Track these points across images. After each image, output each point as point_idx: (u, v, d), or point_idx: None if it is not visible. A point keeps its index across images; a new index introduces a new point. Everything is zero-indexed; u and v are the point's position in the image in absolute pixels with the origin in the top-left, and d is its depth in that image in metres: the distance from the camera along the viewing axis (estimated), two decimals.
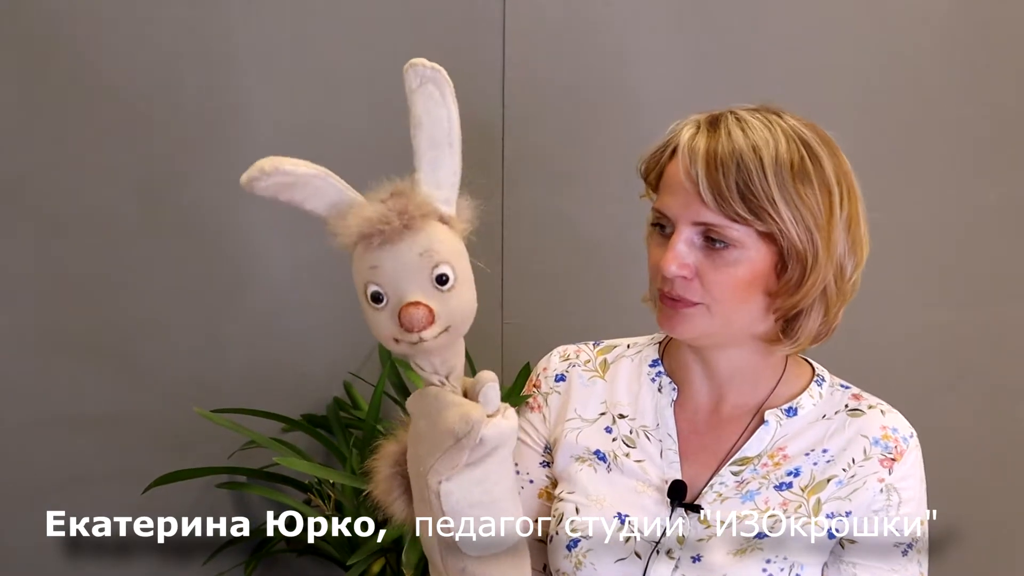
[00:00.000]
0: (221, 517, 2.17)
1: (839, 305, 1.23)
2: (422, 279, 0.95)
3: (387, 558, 1.96)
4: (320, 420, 2.21)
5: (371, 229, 0.94)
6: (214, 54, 2.10)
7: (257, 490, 2.13)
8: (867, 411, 1.28)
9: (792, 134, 1.18)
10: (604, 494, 1.28)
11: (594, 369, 1.38)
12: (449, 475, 1.01)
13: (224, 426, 1.99)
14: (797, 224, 1.15)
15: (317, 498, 2.04)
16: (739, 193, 1.14)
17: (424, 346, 0.97)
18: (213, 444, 2.13)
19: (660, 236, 1.22)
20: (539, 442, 1.37)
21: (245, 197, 2.12)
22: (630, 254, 2.19)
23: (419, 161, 0.97)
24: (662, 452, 1.29)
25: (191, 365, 2.18)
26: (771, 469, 1.26)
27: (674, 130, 1.23)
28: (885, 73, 2.29)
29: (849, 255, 1.21)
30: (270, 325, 2.22)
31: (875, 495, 1.23)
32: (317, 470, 1.93)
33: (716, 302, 1.19)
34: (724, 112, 1.21)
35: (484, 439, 1.00)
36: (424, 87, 0.95)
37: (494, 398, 1.02)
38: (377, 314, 0.96)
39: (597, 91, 2.27)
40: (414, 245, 0.95)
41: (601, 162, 2.28)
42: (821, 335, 1.25)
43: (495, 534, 1.04)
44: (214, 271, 2.16)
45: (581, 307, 2.32)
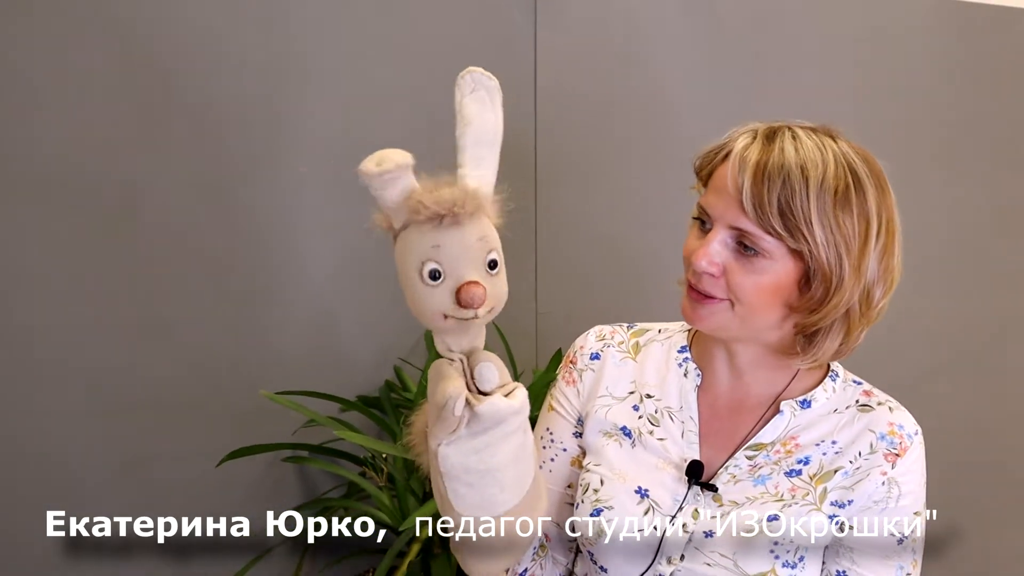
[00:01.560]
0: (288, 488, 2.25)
1: (861, 328, 1.23)
2: (479, 262, 0.98)
3: (434, 526, 1.95)
4: (373, 401, 2.25)
5: (445, 209, 0.96)
6: (274, 67, 2.11)
7: (318, 463, 2.18)
8: (876, 407, 1.29)
9: (843, 160, 1.17)
10: (627, 468, 1.31)
11: (627, 350, 1.40)
12: (449, 440, 1.03)
13: (288, 406, 2.02)
14: (828, 247, 1.15)
15: (371, 471, 2.09)
16: (779, 209, 1.14)
17: (475, 322, 1.00)
18: (273, 425, 2.16)
19: (699, 230, 1.23)
20: (572, 414, 1.40)
21: (302, 196, 2.17)
22: (652, 249, 2.23)
23: (463, 157, 1.01)
24: (683, 433, 1.32)
25: (255, 353, 2.20)
26: (783, 456, 1.28)
27: (731, 135, 1.23)
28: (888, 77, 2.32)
29: (879, 282, 1.21)
30: (326, 315, 2.24)
31: (877, 487, 1.24)
32: (373, 444, 1.97)
33: (738, 302, 1.20)
34: (782, 126, 1.20)
35: (480, 415, 1.02)
36: (477, 92, 1.00)
37: (489, 377, 1.03)
38: (431, 291, 0.98)
39: (622, 99, 2.29)
40: (475, 230, 0.98)
41: (626, 164, 2.32)
42: (840, 354, 1.26)
43: (481, 499, 1.07)
44: (274, 269, 2.19)
45: (607, 298, 2.35)
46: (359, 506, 2.13)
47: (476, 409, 1.02)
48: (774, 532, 1.23)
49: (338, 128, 2.16)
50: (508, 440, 1.06)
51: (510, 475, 1.08)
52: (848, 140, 1.22)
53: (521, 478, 1.10)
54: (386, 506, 2.08)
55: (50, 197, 2.01)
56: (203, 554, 2.11)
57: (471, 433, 1.04)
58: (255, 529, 2.11)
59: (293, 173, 2.16)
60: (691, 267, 1.22)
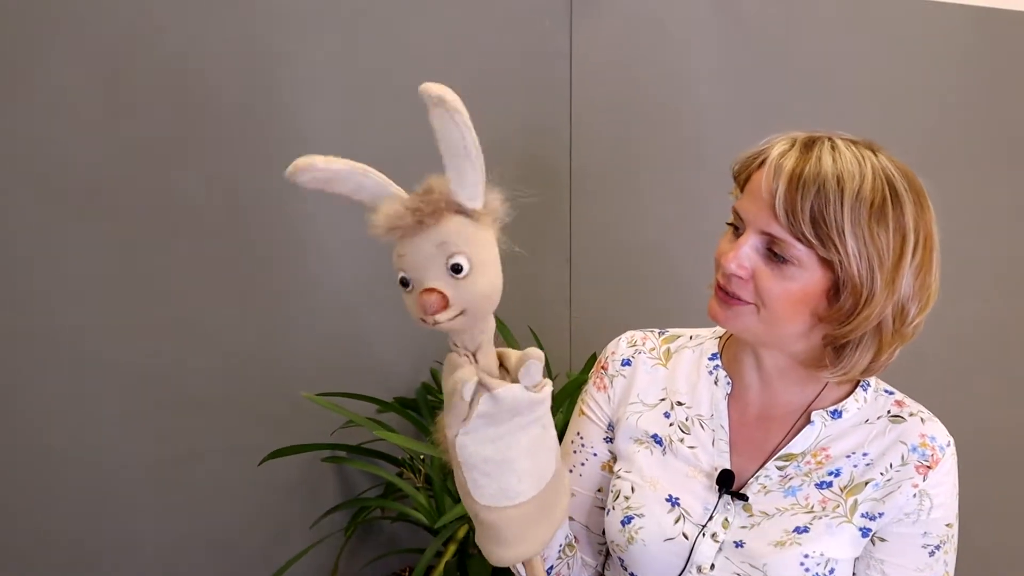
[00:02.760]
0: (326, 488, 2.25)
1: (895, 344, 1.21)
2: (438, 268, 0.98)
3: (470, 524, 1.99)
4: (410, 403, 2.26)
5: (391, 224, 0.98)
6: (312, 73, 2.10)
7: (356, 464, 2.19)
8: (908, 418, 1.26)
9: (881, 174, 1.15)
10: (658, 476, 1.30)
11: (658, 357, 1.38)
12: (466, 430, 1.04)
13: (328, 408, 2.03)
14: (860, 259, 1.13)
15: (409, 471, 2.11)
16: (811, 217, 1.12)
17: (441, 327, 1.00)
18: (311, 425, 2.18)
19: (733, 234, 1.22)
20: (603, 419, 1.38)
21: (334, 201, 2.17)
22: (686, 256, 2.25)
23: (446, 169, 0.99)
24: (714, 441, 1.30)
25: (292, 355, 2.20)
26: (813, 467, 1.26)
27: (769, 142, 1.21)
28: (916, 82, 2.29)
29: (914, 299, 1.18)
30: (363, 317, 2.24)
31: (908, 499, 1.21)
32: (412, 444, 1.97)
33: (765, 307, 1.18)
34: (822, 136, 1.18)
35: (497, 399, 1.03)
36: (435, 109, 0.96)
37: (535, 374, 1.05)
38: (406, 297, 1.01)
39: (654, 108, 2.28)
40: (431, 238, 0.98)
41: (660, 172, 2.31)
42: (872, 371, 1.23)
43: (499, 488, 1.08)
44: (311, 270, 2.18)
45: (640, 303, 2.36)
46: (396, 505, 2.13)
47: (495, 392, 1.04)
48: (804, 544, 1.22)
49: (372, 134, 2.16)
50: (525, 431, 1.07)
51: (527, 466, 1.08)
52: (889, 155, 1.20)
53: (539, 470, 1.10)
54: (423, 506, 2.08)
55: (89, 202, 2.01)
56: (245, 550, 2.21)
57: (487, 423, 1.05)
58: (295, 527, 2.21)
59: None
60: (720, 269, 1.21)
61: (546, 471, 1.12)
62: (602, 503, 1.39)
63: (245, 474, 2.17)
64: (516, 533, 1.11)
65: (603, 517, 1.37)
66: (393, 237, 1.00)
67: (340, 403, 2.09)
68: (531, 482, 1.10)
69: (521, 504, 1.10)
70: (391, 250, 1.02)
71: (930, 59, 2.38)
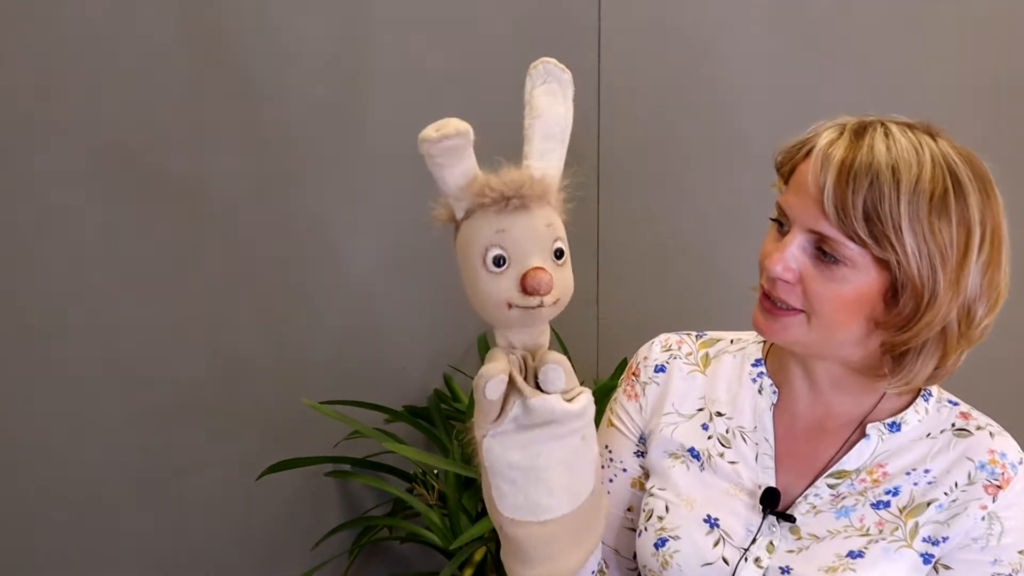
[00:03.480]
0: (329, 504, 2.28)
1: (961, 349, 1.15)
2: (545, 249, 0.98)
3: (488, 546, 1.98)
4: (421, 412, 2.23)
5: (513, 191, 0.96)
6: (335, 64, 2.13)
7: (362, 479, 2.17)
8: (975, 432, 1.21)
9: (941, 161, 1.09)
10: (695, 494, 1.26)
11: (695, 363, 1.35)
12: (494, 432, 1.02)
13: (332, 417, 2.01)
14: (920, 258, 1.08)
15: (421, 487, 2.07)
16: (864, 213, 1.07)
17: (540, 312, 0.98)
18: (315, 435, 2.16)
19: (777, 232, 1.18)
20: (634, 431, 1.34)
21: (347, 194, 2.15)
22: (721, 252, 2.24)
23: (531, 150, 1.01)
24: (757, 456, 1.26)
25: (296, 358, 2.20)
26: (869, 486, 1.21)
27: (816, 129, 1.16)
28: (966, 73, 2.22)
29: (982, 298, 1.12)
30: (371, 318, 2.23)
31: (976, 522, 1.16)
32: (425, 457, 1.95)
33: (815, 314, 1.14)
34: (874, 121, 1.13)
35: (530, 408, 1.00)
36: (549, 83, 1.00)
37: (555, 380, 1.01)
38: (495, 278, 0.97)
39: (688, 92, 2.25)
40: (542, 216, 0.98)
41: (694, 161, 2.27)
42: (935, 379, 1.18)
43: (525, 499, 1.04)
44: (318, 269, 2.18)
45: (673, 303, 2.31)
46: (406, 525, 2.12)
47: (528, 402, 1.01)
48: (859, 570, 1.16)
49: (392, 124, 2.15)
50: (560, 442, 1.04)
51: (559, 480, 1.05)
52: (950, 139, 1.13)
53: (574, 487, 1.07)
54: (436, 525, 2.06)
55: (73, 192, 2.02)
56: (240, 573, 2.28)
57: (518, 427, 1.03)
58: (295, 548, 2.24)
59: (340, 172, 2.17)
60: (765, 272, 1.16)
61: (583, 488, 1.08)
62: (632, 524, 1.34)
63: (241, 489, 2.16)
64: (543, 553, 1.07)
65: (634, 539, 1.31)
66: (494, 210, 0.97)
67: (345, 412, 2.07)
68: (564, 498, 1.06)
69: (549, 521, 1.06)
70: (469, 229, 0.99)
71: (1003, 39, 2.27)
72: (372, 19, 2.13)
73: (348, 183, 2.16)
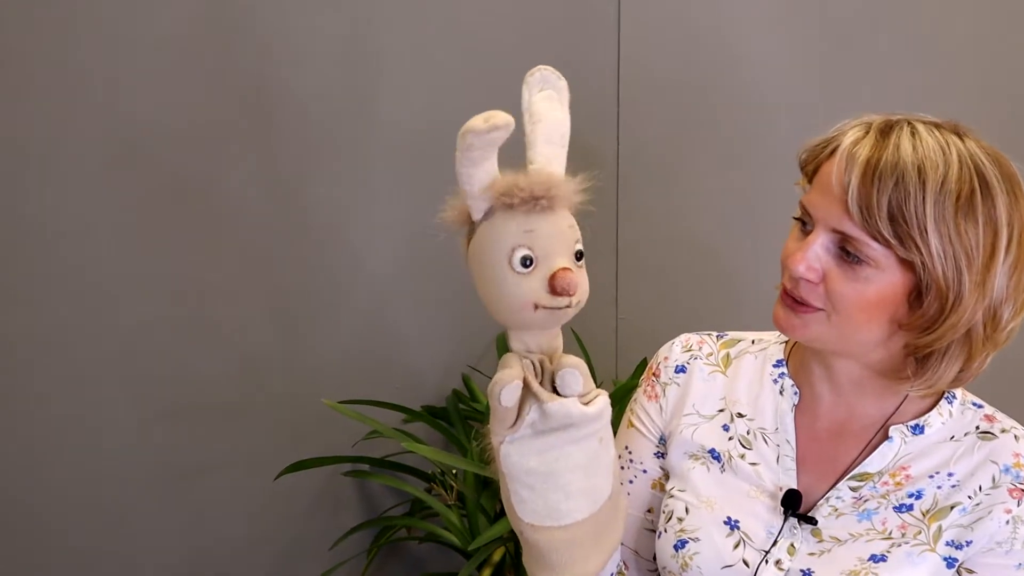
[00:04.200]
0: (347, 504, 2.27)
1: (987, 352, 1.14)
2: (569, 250, 0.98)
3: (507, 547, 1.97)
4: (440, 412, 2.23)
5: (543, 191, 0.96)
6: (350, 64, 2.12)
7: (381, 479, 2.16)
8: (1000, 435, 1.20)
9: (968, 161, 1.08)
10: (715, 496, 1.26)
11: (716, 363, 1.34)
12: (512, 438, 1.01)
13: (351, 417, 2.00)
14: (946, 259, 1.06)
15: (440, 488, 2.06)
16: (889, 213, 1.06)
17: (566, 313, 0.98)
18: (332, 435, 2.16)
19: (800, 231, 1.16)
20: (654, 432, 1.34)
21: (365, 192, 2.14)
22: (742, 252, 2.22)
23: (535, 155, 1.00)
24: (779, 458, 1.25)
25: (313, 358, 2.19)
26: (891, 489, 1.20)
27: (841, 128, 1.15)
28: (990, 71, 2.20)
29: (1008, 301, 1.11)
30: (388, 318, 2.23)
31: (1000, 526, 1.15)
32: (444, 457, 1.95)
33: (836, 313, 1.13)
34: (900, 120, 1.12)
35: (547, 413, 1.00)
36: (546, 90, 1.01)
37: (572, 384, 1.01)
38: (522, 279, 0.97)
39: (709, 90, 2.24)
40: (566, 217, 0.99)
41: (715, 160, 2.26)
42: (960, 381, 1.16)
43: (544, 504, 1.04)
44: (335, 268, 2.18)
45: (693, 304, 2.30)
46: (424, 525, 2.11)
47: (545, 406, 1.00)
48: (881, 574, 1.15)
49: (406, 122, 2.15)
50: (578, 446, 1.03)
51: (577, 484, 1.04)
52: (978, 139, 1.12)
53: (593, 491, 1.06)
54: (455, 526, 2.06)
55: (94, 190, 2.02)
56: (257, 573, 2.22)
57: (535, 433, 1.02)
58: (313, 548, 2.24)
59: (357, 173, 2.16)
60: (787, 271, 1.15)
61: (602, 491, 1.07)
62: (652, 525, 1.33)
63: (259, 489, 2.16)
64: (565, 558, 1.07)
65: (654, 541, 1.31)
66: (522, 211, 0.97)
67: (363, 411, 2.06)
68: (583, 502, 1.06)
69: (570, 526, 1.06)
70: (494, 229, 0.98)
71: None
72: (386, 19, 2.12)
73: (364, 183, 2.16)
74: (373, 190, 2.17)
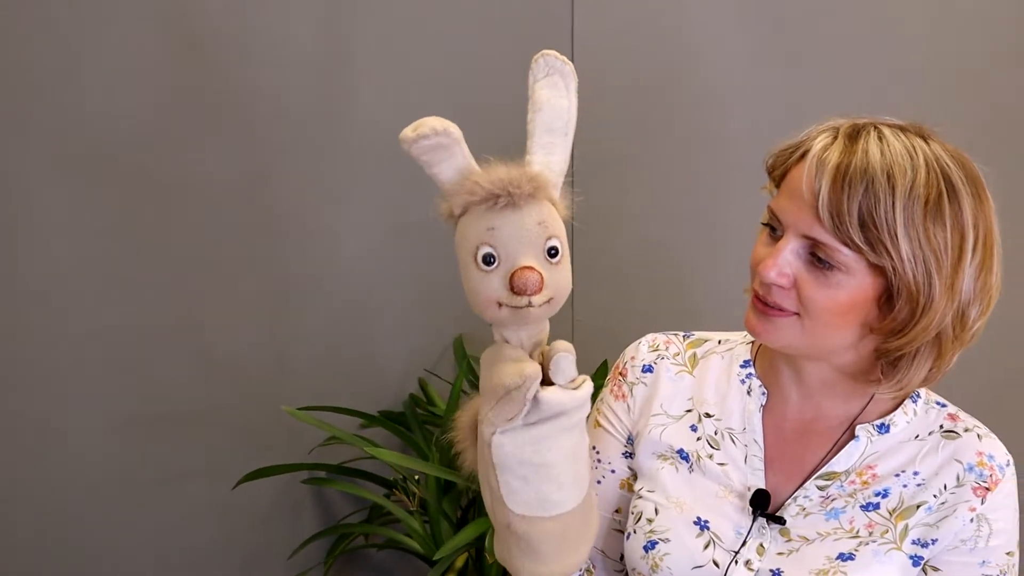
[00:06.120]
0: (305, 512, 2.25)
1: (954, 351, 1.15)
2: (536, 247, 0.97)
3: (469, 552, 1.96)
4: (397, 416, 2.21)
5: (501, 189, 0.95)
6: (317, 62, 2.11)
7: (341, 486, 2.13)
8: (963, 434, 1.21)
9: (935, 165, 1.09)
10: (684, 496, 1.26)
11: (683, 363, 1.34)
12: (504, 428, 1.01)
13: (310, 423, 2.00)
14: (916, 263, 1.07)
15: (401, 493, 2.05)
16: (859, 219, 1.06)
17: (529, 312, 0.97)
18: (292, 441, 2.15)
19: (769, 236, 1.17)
20: (622, 432, 1.34)
21: (325, 199, 2.13)
22: (700, 252, 2.23)
23: (533, 145, 1.00)
24: (747, 458, 1.26)
25: (268, 363, 2.18)
26: (859, 488, 1.22)
27: (809, 133, 1.15)
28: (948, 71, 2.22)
29: (975, 302, 1.12)
30: (344, 322, 2.22)
31: (965, 524, 1.17)
32: (408, 462, 1.94)
33: (809, 317, 1.13)
34: (867, 124, 1.12)
35: (541, 402, 1.00)
36: (551, 77, 1.00)
37: (566, 369, 1.01)
38: (485, 277, 0.97)
39: (665, 91, 2.24)
40: (534, 213, 0.97)
41: (672, 160, 2.26)
42: (929, 381, 1.18)
43: (536, 495, 1.04)
44: (293, 271, 2.16)
45: (648, 305, 2.30)
46: (383, 531, 2.10)
47: (539, 396, 1.00)
48: (849, 573, 1.16)
49: (373, 126, 2.14)
50: (568, 435, 1.04)
51: (568, 474, 1.05)
52: (942, 141, 1.13)
53: (579, 480, 1.07)
54: (417, 532, 2.03)
55: (71, 194, 2.00)
56: None
57: (528, 423, 1.02)
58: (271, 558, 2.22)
59: (319, 175, 2.15)
60: (758, 277, 1.15)
61: (585, 480, 1.09)
62: (620, 525, 1.33)
63: (218, 497, 2.14)
64: (556, 548, 1.08)
65: (622, 541, 1.31)
66: (485, 208, 0.97)
67: (320, 417, 2.06)
68: (572, 492, 1.07)
69: (560, 516, 1.06)
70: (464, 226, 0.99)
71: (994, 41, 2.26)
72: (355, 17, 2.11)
73: (328, 186, 2.14)
74: (334, 193, 2.15)
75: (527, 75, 1.01)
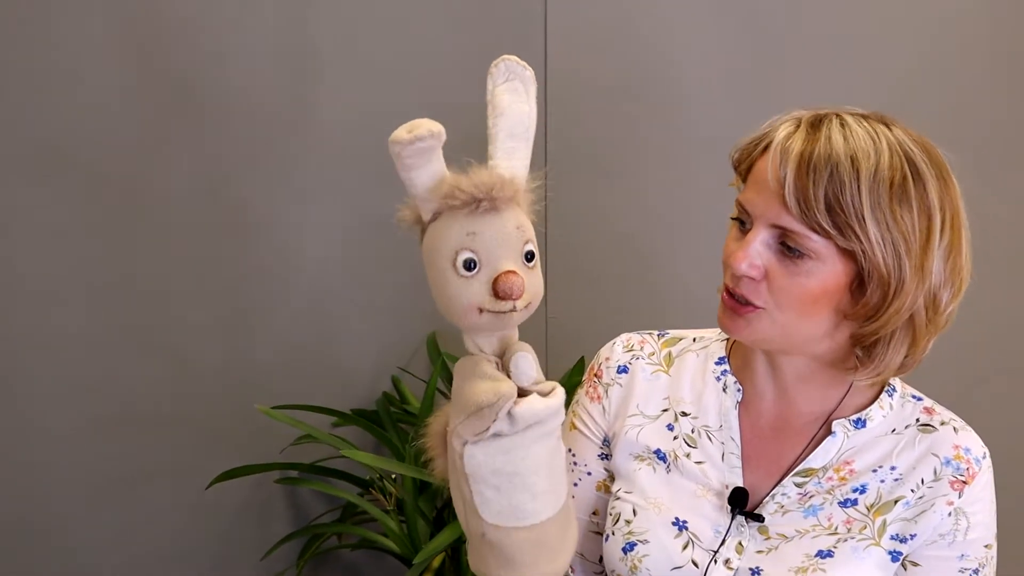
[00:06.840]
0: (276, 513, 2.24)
1: (929, 336, 1.16)
2: (515, 252, 0.96)
3: (446, 552, 1.96)
4: (370, 415, 2.21)
5: (483, 193, 0.95)
6: (280, 62, 2.10)
7: (315, 485, 2.13)
8: (939, 427, 1.22)
9: (898, 149, 1.10)
10: (662, 496, 1.26)
11: (658, 363, 1.33)
12: (475, 440, 1.00)
13: (284, 421, 1.99)
14: (885, 246, 1.08)
15: (378, 493, 2.04)
16: (826, 204, 1.07)
17: (512, 317, 0.97)
18: (264, 441, 2.15)
19: (739, 230, 1.17)
20: (598, 434, 1.33)
21: (294, 196, 2.12)
22: (673, 250, 2.23)
23: (496, 150, 0.99)
24: (724, 455, 1.26)
25: (236, 363, 2.18)
26: (836, 484, 1.22)
27: (772, 124, 1.16)
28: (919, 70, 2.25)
29: (946, 285, 1.13)
30: (316, 320, 2.21)
31: (943, 518, 1.18)
32: (384, 463, 1.94)
33: (779, 309, 1.14)
34: (829, 113, 1.13)
35: (516, 416, 0.98)
36: (511, 82, 0.99)
37: (526, 369, 1.01)
38: (465, 283, 0.96)
39: (638, 88, 2.24)
40: (512, 217, 0.97)
41: (645, 157, 2.26)
42: (906, 367, 1.18)
43: (510, 505, 1.03)
44: (263, 269, 2.15)
45: (623, 302, 2.30)
46: (356, 530, 2.09)
47: (513, 411, 0.99)
48: (828, 570, 1.17)
49: (338, 125, 2.13)
50: (541, 443, 1.02)
51: (542, 483, 1.03)
52: (904, 127, 1.14)
53: (555, 489, 1.06)
54: (393, 532, 2.02)
55: (31, 196, 2.00)
56: None
57: (499, 434, 1.01)
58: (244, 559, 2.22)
59: (287, 173, 2.14)
60: (729, 270, 1.15)
61: (563, 488, 1.07)
62: (598, 528, 1.34)
63: (190, 498, 2.13)
64: (532, 558, 1.06)
65: (600, 543, 1.31)
66: (465, 212, 0.96)
67: (292, 415, 2.06)
68: (547, 501, 1.05)
69: (536, 525, 1.04)
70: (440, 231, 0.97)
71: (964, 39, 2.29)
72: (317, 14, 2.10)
73: (295, 185, 2.13)
74: (303, 191, 2.14)
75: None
